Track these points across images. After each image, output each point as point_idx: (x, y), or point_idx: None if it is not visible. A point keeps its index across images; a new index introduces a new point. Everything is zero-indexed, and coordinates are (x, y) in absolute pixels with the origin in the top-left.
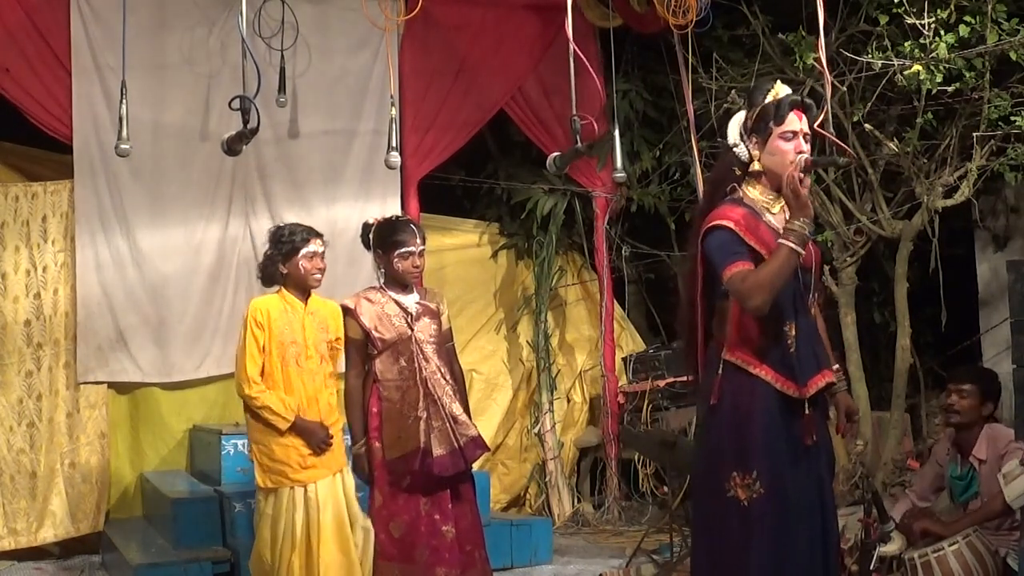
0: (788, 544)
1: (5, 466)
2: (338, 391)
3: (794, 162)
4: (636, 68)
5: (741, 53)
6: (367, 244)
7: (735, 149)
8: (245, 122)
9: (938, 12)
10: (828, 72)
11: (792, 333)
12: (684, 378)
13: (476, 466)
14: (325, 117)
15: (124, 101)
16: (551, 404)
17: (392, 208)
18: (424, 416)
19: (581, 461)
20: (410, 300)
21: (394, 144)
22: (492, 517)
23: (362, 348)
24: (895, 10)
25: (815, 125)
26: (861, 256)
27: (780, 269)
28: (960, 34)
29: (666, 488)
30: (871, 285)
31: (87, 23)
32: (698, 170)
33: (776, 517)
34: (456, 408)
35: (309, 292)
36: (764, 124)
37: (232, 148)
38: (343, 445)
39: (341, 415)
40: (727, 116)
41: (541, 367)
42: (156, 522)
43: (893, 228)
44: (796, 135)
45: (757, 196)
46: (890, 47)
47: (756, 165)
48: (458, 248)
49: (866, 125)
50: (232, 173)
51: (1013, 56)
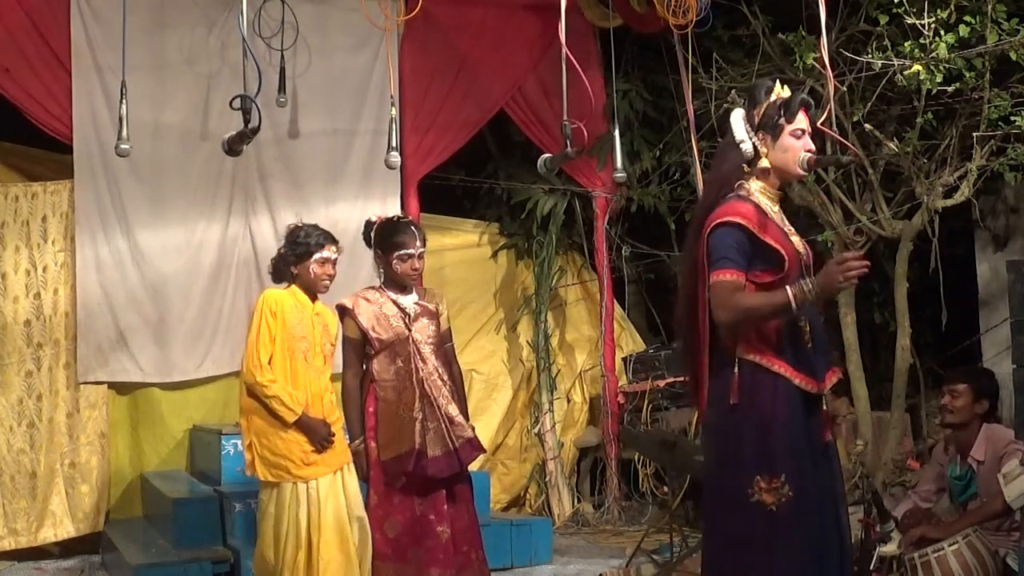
0: (818, 547)
1: (5, 466)
2: (335, 390)
3: (805, 159)
4: (636, 68)
5: (741, 53)
6: (368, 242)
7: (742, 145)
8: (246, 122)
9: (938, 12)
10: (829, 72)
11: (807, 329)
12: (683, 378)
13: (476, 466)
14: (325, 117)
15: (124, 101)
16: (551, 404)
17: (392, 208)
18: (420, 417)
19: (581, 461)
20: (408, 301)
21: (394, 144)
22: (492, 517)
23: (360, 348)
24: (895, 10)
25: (818, 124)
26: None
27: (768, 311)
28: (960, 34)
29: (666, 488)
30: (871, 285)
31: (87, 23)
32: (698, 170)
33: (805, 520)
34: (452, 409)
35: (315, 295)
36: (774, 121)
37: (233, 148)
38: (345, 442)
39: (341, 413)
40: (727, 116)
41: (541, 367)
42: (156, 522)
43: (893, 228)
44: (804, 133)
45: (760, 193)
46: (890, 47)
47: (764, 162)
48: (458, 248)
49: (866, 125)
50: (232, 173)
51: (1013, 56)
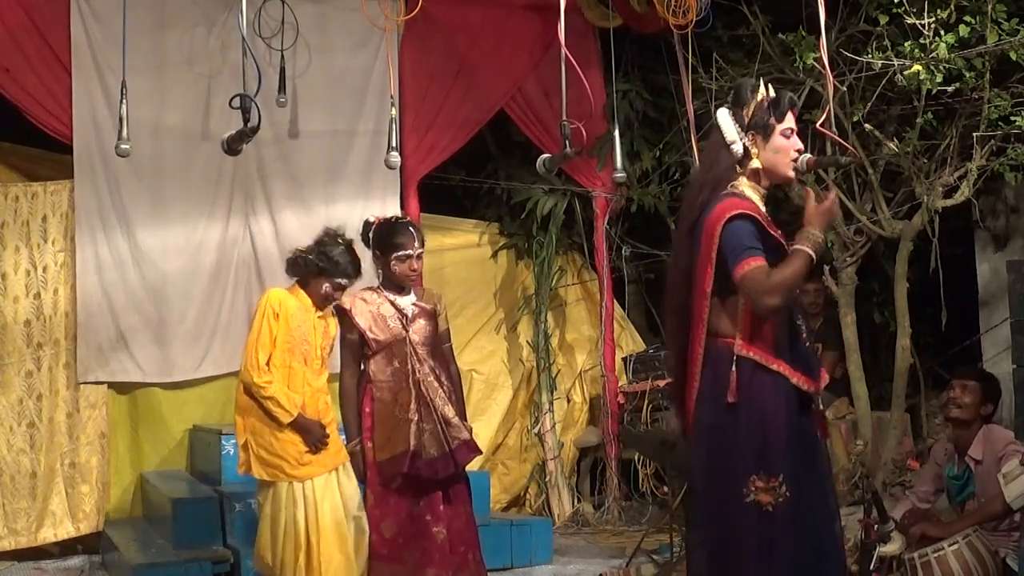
0: (815, 547)
1: (5, 466)
2: (331, 391)
3: (795, 159)
4: (636, 68)
5: (741, 53)
6: (367, 242)
7: (732, 146)
8: (246, 121)
9: (938, 12)
10: (829, 72)
11: (803, 327)
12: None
13: (476, 466)
14: (325, 117)
15: (124, 101)
16: (551, 404)
17: (392, 208)
18: (415, 418)
19: (581, 461)
20: (406, 301)
21: (394, 144)
22: (492, 517)
23: (357, 349)
24: (895, 10)
25: (818, 125)
26: (861, 256)
27: (798, 273)
28: (960, 34)
29: (666, 488)
30: (871, 285)
31: (87, 23)
32: None
33: (801, 520)
34: (448, 411)
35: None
36: (764, 121)
37: (232, 147)
38: (340, 442)
39: (336, 412)
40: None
41: (541, 367)
42: (156, 522)
43: (893, 228)
44: (793, 132)
45: (750, 193)
46: (890, 47)
47: (756, 162)
48: (458, 248)
49: (866, 125)
50: (232, 173)
51: (1013, 56)
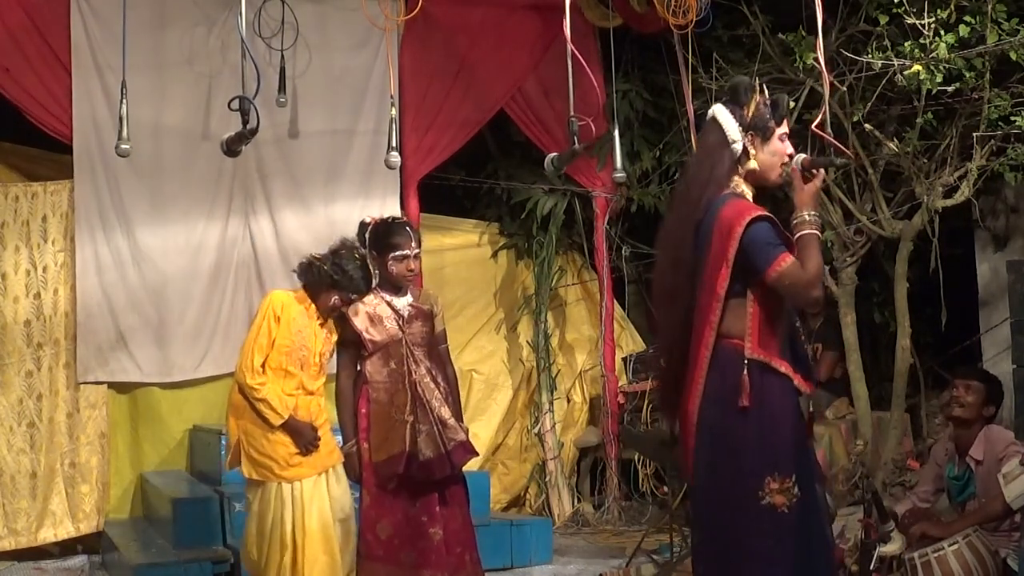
0: (821, 547)
1: (5, 466)
2: (325, 393)
3: (799, 160)
4: (636, 68)
5: (741, 53)
6: (363, 243)
7: (733, 145)
8: (244, 123)
9: (938, 12)
10: (827, 72)
11: (801, 328)
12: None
13: (476, 466)
14: (325, 117)
15: (124, 101)
16: (551, 404)
17: (392, 208)
18: (411, 420)
19: (581, 461)
20: (403, 302)
21: (394, 144)
22: (492, 517)
23: (354, 350)
24: (895, 10)
25: (813, 126)
26: (861, 256)
27: (821, 258)
28: (960, 34)
29: (666, 488)
30: (871, 285)
31: (87, 22)
32: None
33: (811, 519)
34: (445, 412)
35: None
36: (764, 123)
37: (231, 149)
38: (331, 444)
39: (331, 413)
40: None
41: (541, 367)
42: (156, 522)
43: (893, 228)
44: (787, 136)
45: (748, 193)
46: (890, 47)
47: (753, 163)
48: (458, 248)
49: (866, 125)
50: (232, 173)
51: (1013, 56)
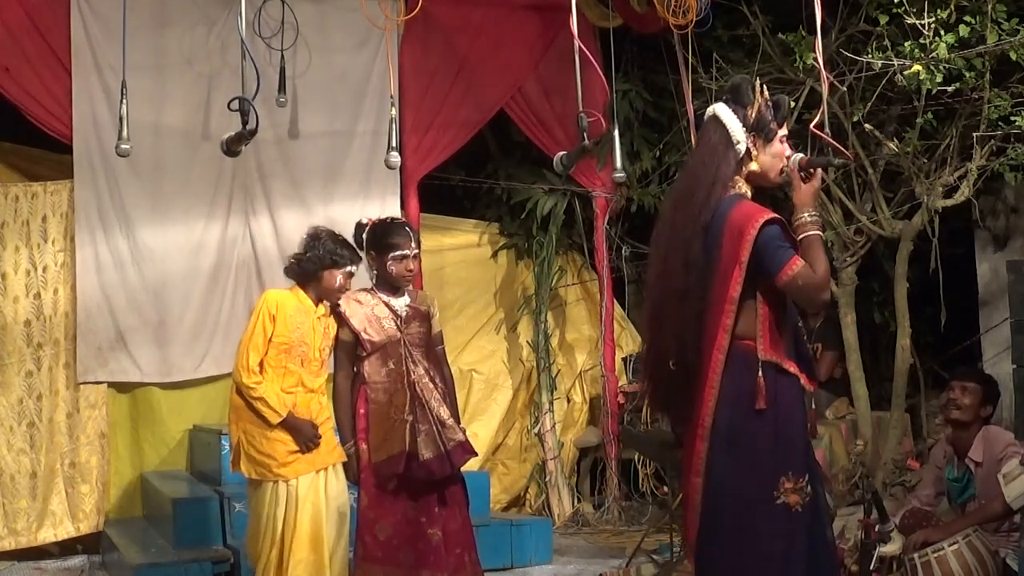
0: (827, 544)
1: (5, 466)
2: (327, 392)
3: (796, 159)
4: (636, 68)
5: (741, 53)
6: (360, 244)
7: (737, 146)
8: (244, 123)
9: (938, 12)
10: (827, 72)
11: (803, 328)
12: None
13: (476, 466)
14: (325, 117)
15: (124, 101)
16: (551, 404)
17: (392, 208)
18: (411, 419)
19: (581, 461)
20: (400, 303)
21: (394, 144)
22: (492, 517)
23: (351, 350)
24: (895, 10)
25: (812, 126)
26: (861, 256)
27: (827, 261)
28: (960, 34)
29: (666, 488)
30: (871, 285)
31: (87, 22)
32: None
33: (821, 516)
34: (443, 412)
35: (322, 301)
36: (767, 124)
37: (231, 149)
38: (333, 443)
39: (332, 414)
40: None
41: (541, 367)
42: (156, 522)
43: (893, 228)
44: (786, 137)
45: (749, 194)
46: (890, 47)
47: (755, 164)
48: (458, 248)
49: (866, 125)
50: (232, 173)
51: (1013, 56)
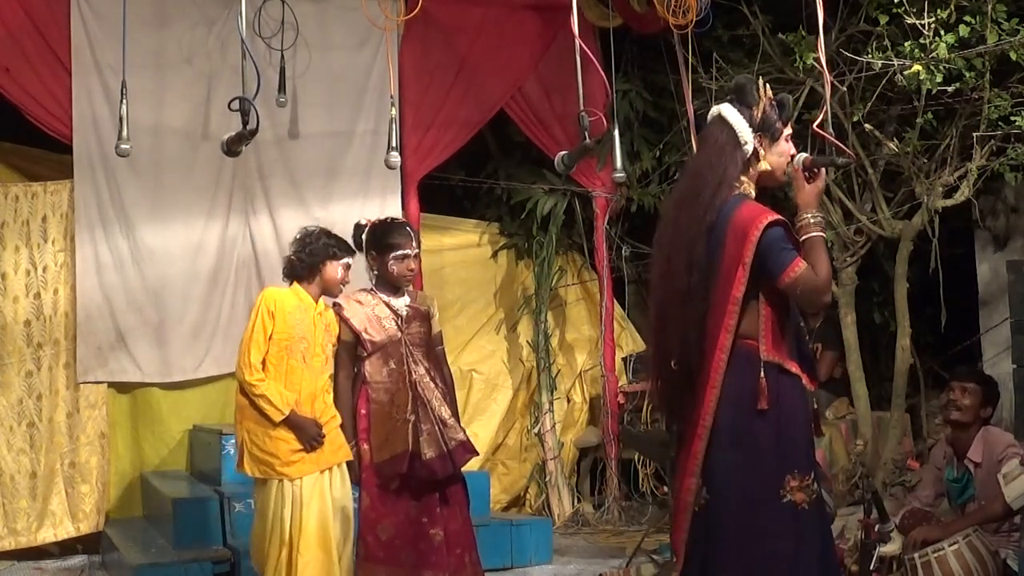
0: (831, 542)
1: (5, 466)
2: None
3: (801, 159)
4: (636, 68)
5: (741, 53)
6: (359, 245)
7: (744, 146)
8: (244, 123)
9: (938, 12)
10: (828, 72)
11: (804, 328)
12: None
13: (476, 466)
14: (325, 117)
15: (124, 101)
16: (551, 404)
17: (392, 208)
18: (413, 419)
19: (581, 461)
20: (400, 303)
21: (394, 144)
22: (492, 517)
23: (352, 350)
24: (895, 10)
25: (815, 125)
26: (861, 256)
27: (830, 262)
28: (960, 34)
29: (666, 488)
30: (871, 285)
31: (87, 22)
32: None
33: (825, 514)
34: (445, 412)
35: (322, 296)
36: (772, 123)
37: (231, 149)
38: (338, 442)
39: (336, 413)
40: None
41: (541, 367)
42: (156, 522)
43: (893, 228)
44: (791, 137)
45: (752, 194)
46: (890, 47)
47: (764, 164)
48: (458, 248)
49: (866, 125)
50: (232, 173)
51: (1013, 56)
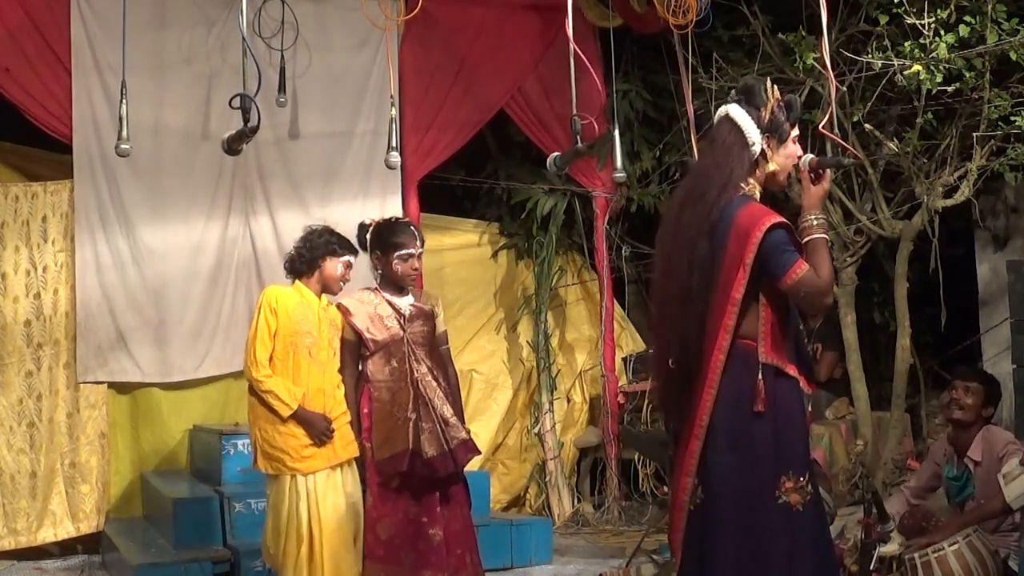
0: (830, 542)
1: (5, 466)
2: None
3: (807, 160)
4: (636, 68)
5: (741, 53)
6: (363, 245)
7: (752, 147)
8: (246, 121)
9: (938, 12)
10: (831, 74)
11: (804, 330)
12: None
13: (476, 466)
14: (325, 117)
15: (124, 101)
16: (551, 404)
17: (392, 208)
18: (414, 418)
19: (581, 461)
20: (404, 302)
21: (394, 144)
22: (492, 517)
23: (355, 349)
24: (895, 10)
25: (820, 126)
26: (861, 256)
27: (832, 265)
28: (960, 34)
29: (666, 488)
30: (871, 285)
31: (87, 22)
32: None
33: (822, 514)
34: (447, 411)
35: (324, 293)
36: (779, 125)
37: (232, 147)
38: (348, 438)
39: (346, 409)
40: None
41: (541, 367)
42: (156, 522)
43: (893, 228)
44: (798, 138)
45: (758, 195)
46: (890, 47)
47: (772, 165)
48: (458, 248)
49: (866, 125)
50: (232, 173)
51: (1013, 56)
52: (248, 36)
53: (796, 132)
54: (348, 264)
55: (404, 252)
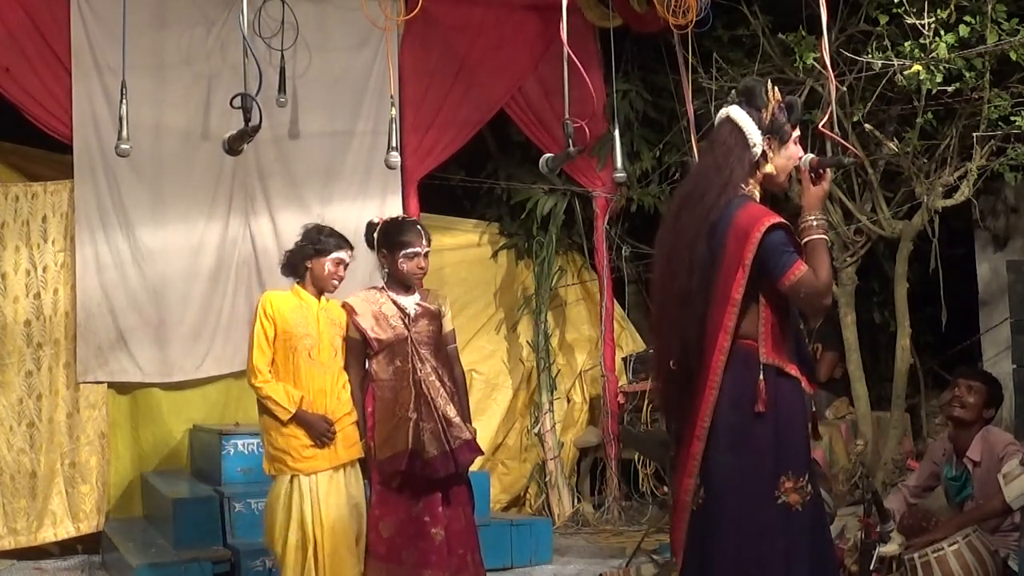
0: (830, 542)
1: (5, 466)
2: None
3: (808, 160)
4: (636, 68)
5: (741, 53)
6: (370, 243)
7: (753, 149)
8: (247, 120)
9: (938, 12)
10: (831, 74)
11: (804, 330)
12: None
13: (476, 466)
14: (325, 117)
15: (124, 101)
16: (551, 404)
17: (392, 208)
18: (415, 417)
19: (581, 461)
20: (409, 301)
21: (394, 144)
22: (492, 517)
23: (360, 348)
24: (895, 10)
25: (820, 126)
26: (861, 256)
27: (831, 266)
28: (960, 34)
29: (666, 488)
30: (871, 285)
31: (87, 23)
32: None
33: (822, 515)
34: (450, 410)
35: (322, 293)
36: (780, 126)
37: (233, 147)
38: (351, 439)
39: (352, 410)
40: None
41: (541, 367)
42: (156, 522)
43: (893, 228)
44: (799, 139)
45: (756, 195)
46: (890, 47)
47: (770, 167)
48: (458, 248)
49: (866, 125)
50: (232, 173)
51: (1013, 56)
52: (248, 36)
53: (797, 133)
54: (338, 261)
55: (410, 251)
